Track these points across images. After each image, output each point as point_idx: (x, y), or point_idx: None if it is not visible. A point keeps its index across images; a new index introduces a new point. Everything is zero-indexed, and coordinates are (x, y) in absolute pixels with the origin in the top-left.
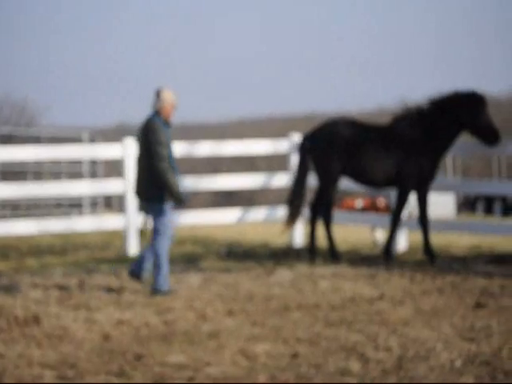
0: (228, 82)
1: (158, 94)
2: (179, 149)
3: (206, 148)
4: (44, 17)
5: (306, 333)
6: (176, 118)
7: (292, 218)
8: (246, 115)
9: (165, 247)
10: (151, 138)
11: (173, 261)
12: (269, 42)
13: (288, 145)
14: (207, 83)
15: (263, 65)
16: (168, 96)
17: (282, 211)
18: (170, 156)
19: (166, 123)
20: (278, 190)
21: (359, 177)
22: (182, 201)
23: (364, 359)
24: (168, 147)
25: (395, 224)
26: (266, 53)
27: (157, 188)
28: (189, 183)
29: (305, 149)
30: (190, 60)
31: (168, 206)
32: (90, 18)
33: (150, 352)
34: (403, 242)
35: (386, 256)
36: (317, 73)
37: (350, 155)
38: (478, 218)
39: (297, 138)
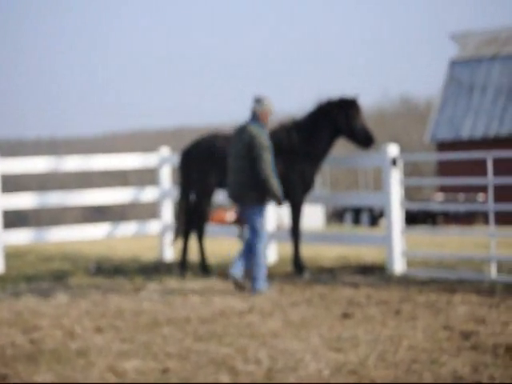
0: (96, 96)
1: (259, 100)
2: (46, 164)
3: (74, 163)
4: None
5: (175, 347)
6: (45, 133)
7: (179, 233)
8: (115, 129)
9: (263, 247)
10: (255, 142)
11: (40, 278)
12: (137, 55)
13: (157, 159)
14: (74, 97)
15: (132, 79)
16: (268, 103)
17: (152, 225)
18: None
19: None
20: (149, 205)
21: None
22: (281, 202)
23: (234, 372)
24: (270, 151)
25: (297, 238)
26: (134, 67)
27: (256, 191)
28: (56, 199)
29: (184, 163)
30: (58, 72)
31: (264, 207)
32: None
33: (16, 372)
34: (273, 253)
35: (299, 271)
36: (186, 87)
37: (227, 169)
38: (346, 228)
39: (166, 152)
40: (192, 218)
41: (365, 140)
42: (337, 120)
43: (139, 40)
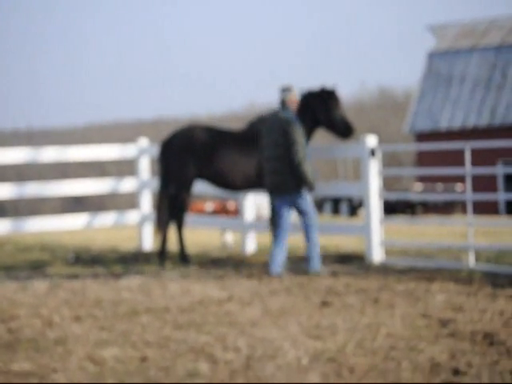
0: (74, 87)
1: (287, 89)
2: (24, 155)
3: (51, 153)
4: None
5: (154, 336)
6: (22, 124)
7: (161, 224)
8: (92, 120)
9: (316, 228)
10: (289, 129)
11: (18, 268)
12: (116, 46)
13: (136, 150)
14: (51, 88)
15: (109, 69)
16: (295, 91)
17: (131, 216)
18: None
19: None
20: (127, 195)
21: (218, 181)
22: (313, 188)
23: (213, 360)
24: (303, 138)
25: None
26: (111, 57)
27: (296, 177)
28: (34, 189)
29: (164, 154)
30: (34, 63)
31: (305, 191)
32: None
33: None
34: (252, 243)
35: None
36: (163, 78)
37: (207, 160)
38: (326, 218)
39: (144, 143)
40: (172, 209)
41: (344, 130)
42: (316, 111)
43: (117, 31)
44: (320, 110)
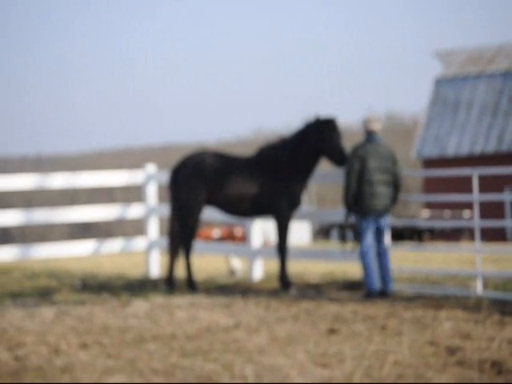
0: (82, 114)
1: (377, 120)
2: (32, 181)
3: (59, 180)
4: None
5: (161, 364)
6: (31, 150)
7: (172, 251)
8: (101, 147)
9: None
10: (396, 158)
11: (25, 295)
12: (123, 73)
13: (143, 176)
14: (61, 115)
15: (117, 96)
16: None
17: (138, 242)
18: None
19: None
20: (134, 221)
21: (228, 207)
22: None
23: None
24: None
25: (283, 254)
26: (120, 84)
27: (393, 202)
28: (42, 216)
29: (174, 181)
30: (43, 89)
31: None
32: None
33: None
34: (259, 270)
35: (285, 287)
36: (172, 105)
37: (217, 186)
38: (333, 245)
39: (152, 169)
40: (181, 235)
41: (338, 159)
42: (315, 140)
43: (125, 58)
44: (317, 140)
